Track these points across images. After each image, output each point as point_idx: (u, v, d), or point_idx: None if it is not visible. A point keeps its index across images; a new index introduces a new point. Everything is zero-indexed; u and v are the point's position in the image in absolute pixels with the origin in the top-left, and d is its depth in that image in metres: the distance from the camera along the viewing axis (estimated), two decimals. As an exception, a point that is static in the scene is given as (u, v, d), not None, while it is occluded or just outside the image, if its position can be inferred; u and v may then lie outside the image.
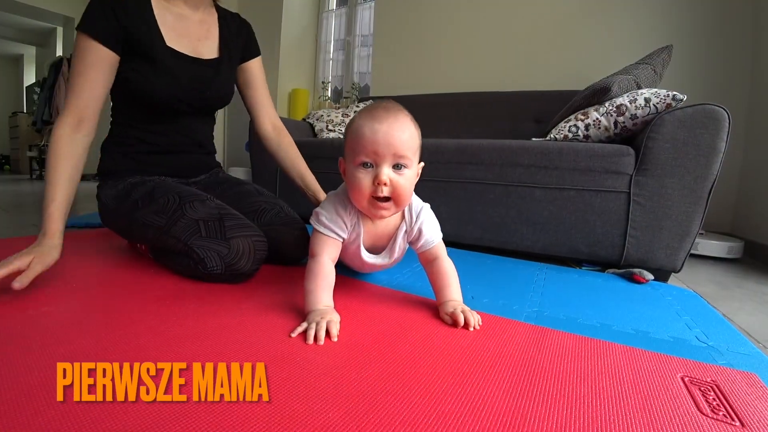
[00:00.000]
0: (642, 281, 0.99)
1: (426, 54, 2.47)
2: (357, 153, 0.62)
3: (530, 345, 0.59)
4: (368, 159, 0.61)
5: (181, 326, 0.59)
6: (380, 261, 0.76)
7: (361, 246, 0.72)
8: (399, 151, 0.61)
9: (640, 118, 1.13)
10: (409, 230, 0.72)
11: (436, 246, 0.73)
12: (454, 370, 0.50)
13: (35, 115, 5.07)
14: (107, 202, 0.92)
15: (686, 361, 0.56)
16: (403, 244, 0.74)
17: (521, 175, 1.22)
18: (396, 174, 0.62)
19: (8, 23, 5.40)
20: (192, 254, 0.77)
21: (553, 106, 1.78)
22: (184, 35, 0.92)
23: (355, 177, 0.63)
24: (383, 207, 0.64)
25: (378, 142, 0.60)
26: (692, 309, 0.83)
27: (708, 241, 1.46)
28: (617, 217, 1.10)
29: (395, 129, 0.61)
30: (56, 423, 0.36)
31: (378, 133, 0.60)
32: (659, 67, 1.39)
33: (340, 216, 0.69)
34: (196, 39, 0.94)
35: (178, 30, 0.91)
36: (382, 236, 0.74)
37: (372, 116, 0.61)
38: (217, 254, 0.76)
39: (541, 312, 0.76)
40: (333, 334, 0.56)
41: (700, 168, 1.00)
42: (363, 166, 0.62)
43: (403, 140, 0.61)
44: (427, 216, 0.73)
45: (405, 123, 0.63)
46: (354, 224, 0.70)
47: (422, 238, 0.72)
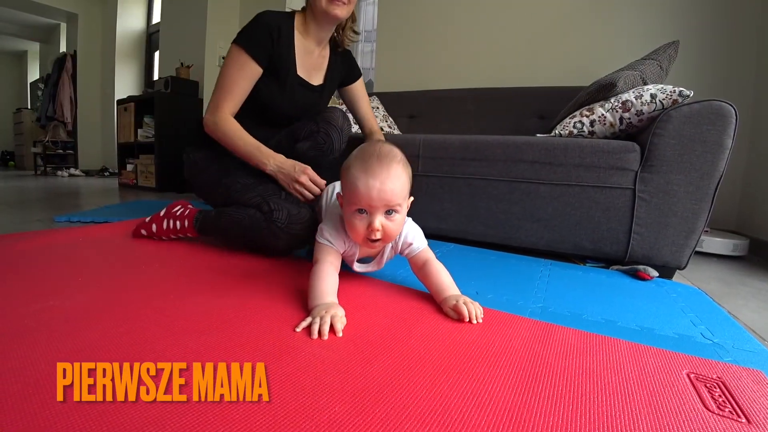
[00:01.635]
0: (647, 278, 0.99)
1: (430, 50, 2.46)
2: (353, 202, 0.68)
3: (535, 340, 0.59)
4: (363, 207, 0.67)
5: (186, 320, 0.59)
6: (369, 269, 0.83)
7: (354, 260, 0.80)
8: (390, 202, 0.66)
9: (645, 114, 1.12)
10: (395, 244, 0.79)
11: (423, 250, 0.78)
12: (460, 364, 0.50)
13: (39, 111, 5.10)
14: (198, 161, 1.13)
15: (692, 358, 0.56)
16: (390, 255, 0.81)
17: (526, 171, 1.21)
18: (387, 220, 0.68)
19: (12, 20, 5.40)
20: (264, 207, 0.94)
21: (557, 103, 1.77)
22: (308, 66, 1.12)
23: (352, 222, 0.69)
24: (376, 245, 0.72)
25: (372, 197, 0.65)
26: (697, 306, 0.83)
27: (713, 239, 1.46)
28: (622, 213, 1.10)
29: (387, 184, 0.65)
30: (59, 421, 0.37)
31: (372, 190, 0.65)
32: (665, 63, 1.37)
33: (341, 237, 0.76)
34: (312, 69, 1.13)
35: (305, 61, 1.11)
36: (372, 253, 0.81)
37: (365, 170, 0.66)
38: (287, 211, 0.93)
39: (545, 308, 0.76)
40: (337, 329, 0.57)
41: (706, 165, 1.00)
42: (359, 212, 0.68)
43: (396, 193, 0.66)
44: (410, 228, 0.79)
45: (396, 174, 0.67)
46: (351, 245, 0.77)
47: (407, 248, 0.78)
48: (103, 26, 4.66)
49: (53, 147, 4.64)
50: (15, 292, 0.68)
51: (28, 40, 6.21)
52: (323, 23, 1.07)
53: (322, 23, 1.07)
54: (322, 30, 1.09)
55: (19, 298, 0.65)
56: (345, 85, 1.26)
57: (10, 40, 6.36)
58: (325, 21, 1.06)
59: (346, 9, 1.03)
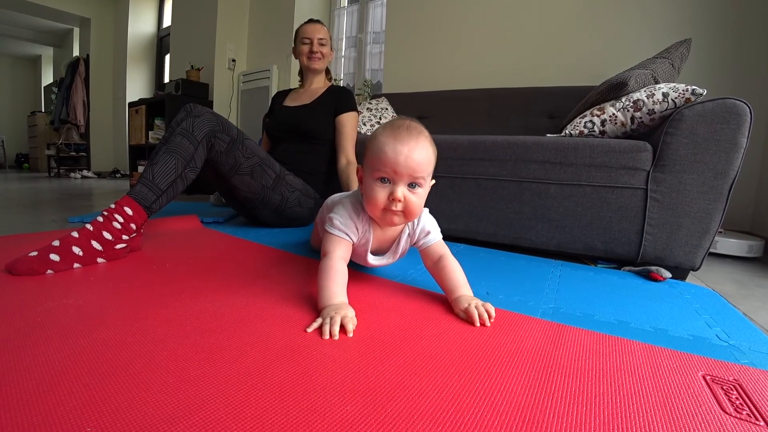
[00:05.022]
0: (659, 279, 0.98)
1: (438, 50, 2.45)
2: (377, 169, 0.66)
3: (547, 341, 0.58)
4: (387, 176, 0.66)
5: (197, 320, 0.60)
6: (383, 261, 0.81)
7: (368, 250, 0.77)
8: (416, 173, 0.65)
9: (657, 113, 1.11)
10: (412, 233, 0.77)
11: (437, 243, 0.77)
12: (471, 365, 0.50)
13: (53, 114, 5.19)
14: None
15: (707, 360, 0.55)
16: (405, 246, 0.79)
17: (536, 171, 1.20)
18: (410, 192, 0.66)
19: (27, 25, 5.52)
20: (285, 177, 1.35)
21: (567, 102, 1.76)
22: (294, 97, 1.63)
23: (373, 189, 0.67)
24: (395, 216, 0.69)
25: (399, 163, 0.64)
26: (711, 307, 0.81)
27: (727, 240, 1.43)
28: (634, 213, 1.08)
29: (415, 152, 0.64)
30: (77, 411, 0.37)
31: (400, 155, 0.64)
32: (677, 62, 1.35)
33: (353, 221, 0.73)
34: (299, 98, 1.60)
35: (294, 96, 1.64)
36: (387, 240, 0.79)
37: (395, 136, 0.65)
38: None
39: (557, 308, 0.75)
40: (348, 330, 0.57)
41: (720, 164, 0.98)
42: (381, 181, 0.67)
43: (421, 163, 0.65)
44: (428, 218, 0.78)
45: (425, 146, 0.66)
46: (365, 231, 0.75)
47: (424, 237, 0.77)
48: (115, 30, 4.74)
49: (66, 149, 4.72)
50: (31, 290, 0.70)
51: (42, 44, 6.34)
52: (307, 73, 1.62)
53: (306, 73, 1.62)
54: (307, 77, 1.62)
55: (34, 296, 0.66)
56: (335, 115, 1.52)
57: (25, 44, 6.50)
58: (307, 71, 1.60)
59: (321, 63, 1.56)
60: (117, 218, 0.91)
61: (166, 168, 1.01)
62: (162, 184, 0.99)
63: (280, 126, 1.54)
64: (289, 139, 1.53)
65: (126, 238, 0.93)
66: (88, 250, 0.87)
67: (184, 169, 1.04)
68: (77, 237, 0.87)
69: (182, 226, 1.36)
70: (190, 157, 1.06)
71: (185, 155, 1.04)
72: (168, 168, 1.01)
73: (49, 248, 0.83)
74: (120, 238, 0.92)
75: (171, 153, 1.03)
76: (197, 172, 1.09)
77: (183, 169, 1.04)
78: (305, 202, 1.41)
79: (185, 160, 1.04)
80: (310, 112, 1.53)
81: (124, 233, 0.92)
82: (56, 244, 0.84)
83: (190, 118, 1.10)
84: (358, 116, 1.57)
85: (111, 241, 0.90)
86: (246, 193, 1.29)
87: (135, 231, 0.96)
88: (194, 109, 1.12)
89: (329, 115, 1.52)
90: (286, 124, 1.54)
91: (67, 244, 0.85)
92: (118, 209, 0.92)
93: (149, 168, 1.00)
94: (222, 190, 1.35)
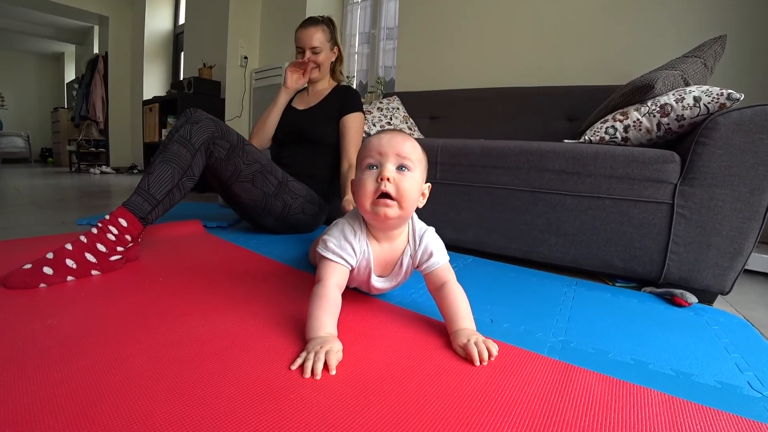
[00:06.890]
0: (684, 304, 0.89)
1: (452, 47, 2.36)
2: (363, 158, 0.66)
3: (553, 388, 0.52)
4: (373, 161, 0.65)
5: (177, 349, 0.57)
6: (387, 284, 0.76)
7: (372, 272, 0.72)
8: (402, 152, 0.64)
9: (687, 119, 1.02)
10: (414, 253, 0.72)
11: (442, 268, 0.71)
12: (464, 416, 0.45)
13: (74, 110, 5.31)
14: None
15: (738, 419, 0.48)
16: (408, 267, 0.74)
17: (551, 181, 1.13)
18: (399, 174, 0.64)
19: (49, 23, 5.66)
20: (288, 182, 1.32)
21: (587, 103, 1.66)
22: (298, 99, 1.58)
23: (361, 179, 0.66)
24: (388, 209, 0.64)
25: (382, 145, 0.65)
26: (743, 343, 0.73)
27: (760, 255, 1.32)
28: (658, 230, 1.00)
29: (398, 137, 0.66)
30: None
31: (382, 139, 0.65)
32: (710, 61, 1.24)
33: (348, 242, 0.69)
34: (304, 100, 1.56)
35: (300, 98, 1.59)
36: (389, 260, 0.73)
37: (378, 133, 0.68)
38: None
39: (567, 342, 0.68)
40: (331, 366, 0.52)
41: (758, 178, 0.89)
42: (369, 168, 0.65)
43: (405, 145, 0.65)
44: (431, 238, 0.73)
45: (408, 137, 0.67)
46: (363, 250, 0.70)
47: (428, 259, 0.71)
48: (133, 28, 4.79)
49: (86, 145, 4.82)
50: (21, 306, 0.69)
51: (64, 42, 6.50)
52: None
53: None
54: (311, 82, 1.57)
55: (22, 314, 0.66)
56: (341, 116, 1.46)
57: (48, 42, 6.67)
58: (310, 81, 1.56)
59: (316, 72, 1.48)
60: (111, 230, 0.89)
61: (162, 178, 0.98)
62: (158, 194, 0.96)
63: (285, 129, 1.52)
64: (295, 143, 1.50)
65: (121, 249, 0.91)
66: (82, 262, 0.85)
67: (180, 178, 1.01)
68: (71, 249, 0.85)
69: (184, 232, 1.34)
70: (187, 166, 1.02)
71: (182, 164, 1.01)
72: (164, 178, 0.98)
73: (42, 261, 0.81)
74: (114, 249, 0.90)
75: (167, 162, 1.00)
76: (195, 180, 1.06)
77: (180, 179, 1.01)
78: (309, 209, 1.37)
79: (182, 169, 1.01)
80: (315, 116, 1.50)
81: (119, 245, 0.90)
82: (50, 256, 0.83)
83: (188, 124, 1.07)
84: (363, 117, 1.51)
85: (105, 254, 0.88)
86: (247, 201, 1.26)
87: (130, 242, 0.93)
88: (193, 114, 1.09)
89: (334, 117, 1.48)
90: (291, 128, 1.51)
91: (60, 256, 0.83)
92: (113, 221, 0.90)
93: (145, 177, 0.98)
94: (224, 196, 1.33)
